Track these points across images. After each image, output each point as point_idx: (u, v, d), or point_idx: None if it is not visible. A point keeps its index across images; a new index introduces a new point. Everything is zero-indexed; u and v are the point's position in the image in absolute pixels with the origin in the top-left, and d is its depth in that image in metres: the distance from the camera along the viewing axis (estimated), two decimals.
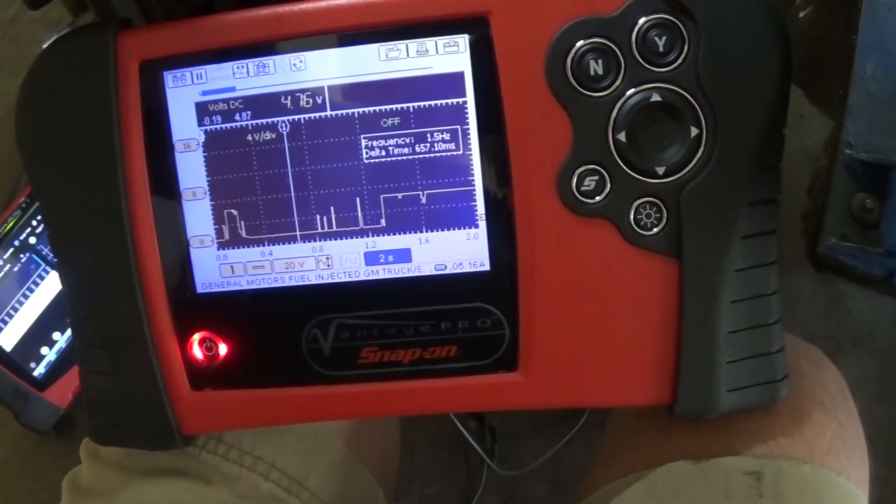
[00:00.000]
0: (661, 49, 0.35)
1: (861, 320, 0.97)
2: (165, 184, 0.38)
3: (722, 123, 0.35)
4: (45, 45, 0.47)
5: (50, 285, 0.78)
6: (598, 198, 0.36)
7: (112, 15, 0.42)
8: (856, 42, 1.12)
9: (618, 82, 0.36)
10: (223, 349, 0.39)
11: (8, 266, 0.78)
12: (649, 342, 0.37)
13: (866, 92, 1.22)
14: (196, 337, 0.39)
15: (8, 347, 0.76)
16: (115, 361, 0.39)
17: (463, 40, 0.36)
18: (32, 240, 0.78)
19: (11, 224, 0.77)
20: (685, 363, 0.37)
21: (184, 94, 0.38)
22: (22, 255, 0.78)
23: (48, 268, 0.78)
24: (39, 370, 0.78)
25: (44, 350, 0.78)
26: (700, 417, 0.39)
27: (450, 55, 0.36)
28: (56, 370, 0.77)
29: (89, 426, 0.41)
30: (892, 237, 1.08)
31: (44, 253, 0.78)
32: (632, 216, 0.36)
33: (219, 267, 0.39)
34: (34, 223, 0.78)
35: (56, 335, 0.77)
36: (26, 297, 0.77)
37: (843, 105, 1.08)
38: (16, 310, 0.77)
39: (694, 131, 0.36)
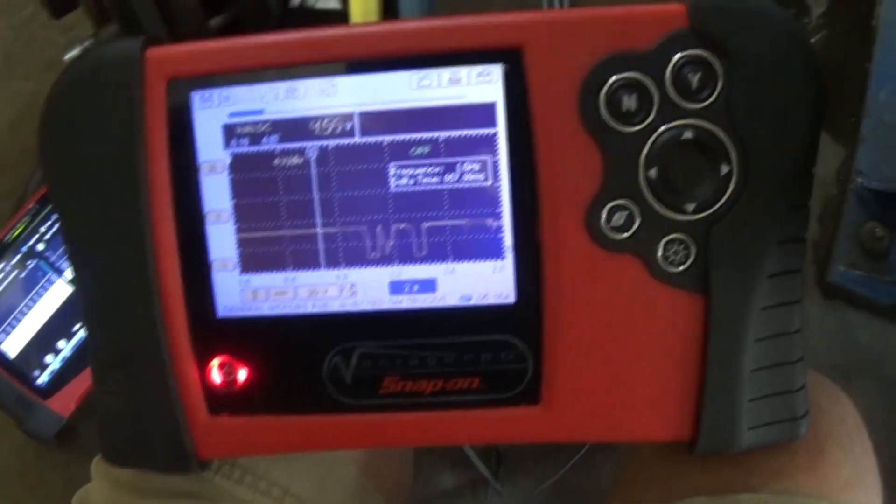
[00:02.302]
0: (694, 86, 0.35)
1: (869, 350, 0.97)
2: (189, 205, 0.38)
3: (753, 162, 0.35)
4: (67, 57, 0.47)
5: (56, 293, 0.78)
6: (626, 233, 0.36)
7: (136, 29, 0.42)
8: (869, 70, 1.12)
9: (650, 118, 0.35)
10: (242, 374, 0.39)
11: (15, 272, 0.78)
12: (673, 378, 0.37)
13: (879, 121, 1.22)
14: (215, 361, 0.39)
15: (12, 354, 0.76)
16: (132, 382, 0.39)
17: (496, 71, 0.36)
18: (40, 246, 0.78)
19: (20, 230, 0.77)
20: (708, 400, 0.37)
21: (211, 115, 0.37)
22: (29, 262, 0.78)
23: (55, 275, 0.78)
24: (43, 378, 0.77)
25: (48, 358, 0.77)
26: (720, 454, 0.38)
27: (482, 85, 0.36)
28: (60, 379, 0.77)
29: (102, 446, 0.41)
30: None
31: (51, 260, 0.78)
32: (660, 252, 0.36)
33: (241, 291, 0.38)
34: (42, 229, 0.78)
35: (61, 343, 0.77)
36: (32, 304, 0.76)
37: (856, 133, 1.07)
38: (21, 316, 0.77)
39: (724, 169, 0.35)
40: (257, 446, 0.40)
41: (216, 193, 0.38)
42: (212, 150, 0.37)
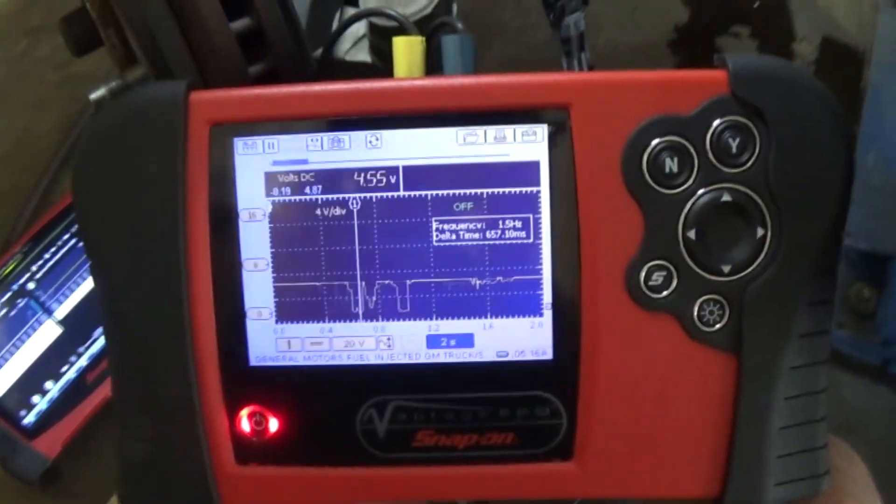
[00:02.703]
0: (733, 150, 0.36)
1: (856, 408, 0.98)
2: (227, 252, 0.38)
3: (787, 225, 0.36)
4: (93, 97, 0.47)
5: (45, 333, 0.76)
6: (664, 293, 0.37)
7: (166, 74, 0.42)
8: (858, 132, 1.15)
9: (691, 181, 0.36)
10: (273, 424, 0.38)
11: (4, 311, 0.76)
12: (703, 435, 0.38)
13: (867, 182, 1.25)
14: (246, 410, 0.38)
15: None
16: (159, 428, 0.38)
17: (542, 130, 0.36)
18: (31, 285, 0.76)
19: (11, 268, 0.76)
20: (737, 457, 0.37)
21: (254, 162, 0.37)
22: (19, 301, 0.76)
23: (44, 315, 0.76)
24: (29, 419, 0.75)
25: (35, 398, 0.75)
26: None
27: (527, 143, 0.37)
28: (47, 420, 0.75)
29: (122, 492, 0.40)
30: (889, 326, 1.10)
31: (42, 300, 0.76)
32: (696, 312, 0.37)
33: (275, 341, 0.38)
34: (34, 268, 0.77)
35: (49, 384, 0.75)
36: (20, 343, 0.75)
37: None
38: (8, 356, 0.75)
39: (760, 231, 0.36)
40: (285, 498, 0.39)
41: (255, 241, 0.38)
42: (253, 198, 0.37)
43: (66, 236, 0.76)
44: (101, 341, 0.74)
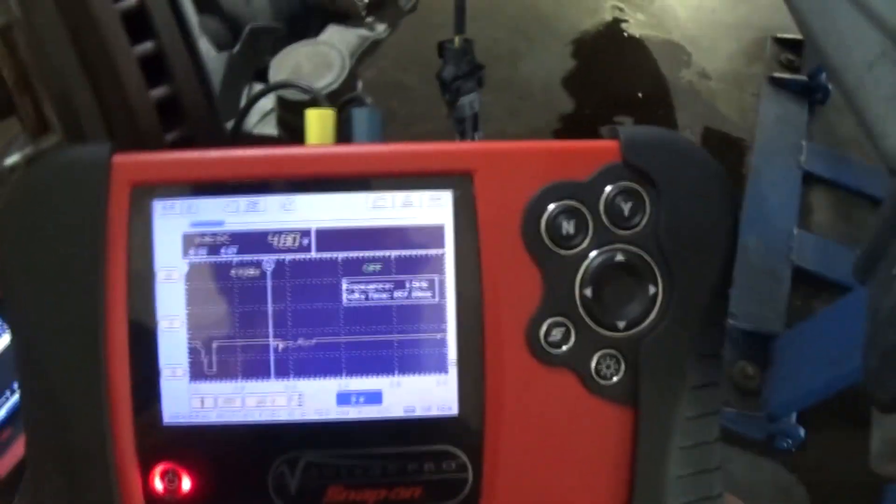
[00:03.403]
0: (625, 213, 0.39)
1: (743, 481, 1.00)
2: (143, 310, 0.38)
3: (677, 282, 0.39)
4: (7, 163, 0.48)
5: None
6: (563, 348, 0.39)
7: (81, 140, 0.43)
8: (741, 217, 1.22)
9: (586, 242, 0.39)
10: (186, 483, 0.39)
11: None
12: (604, 485, 0.39)
13: (749, 264, 1.31)
14: (159, 468, 0.39)
15: None
16: (73, 486, 0.38)
17: (447, 195, 0.39)
18: None
19: None
20: None
21: (172, 223, 0.39)
22: None
23: None
24: None
25: None
26: None
27: (433, 208, 0.39)
28: None
29: None
30: (773, 403, 1.14)
31: None
32: (593, 366, 0.39)
33: (189, 399, 0.39)
34: None
35: None
36: None
37: None
38: None
39: (652, 289, 0.39)
40: None
41: (171, 300, 0.39)
42: (170, 258, 0.39)
43: None
44: (15, 397, 0.73)
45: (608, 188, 0.39)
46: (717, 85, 1.49)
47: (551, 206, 0.38)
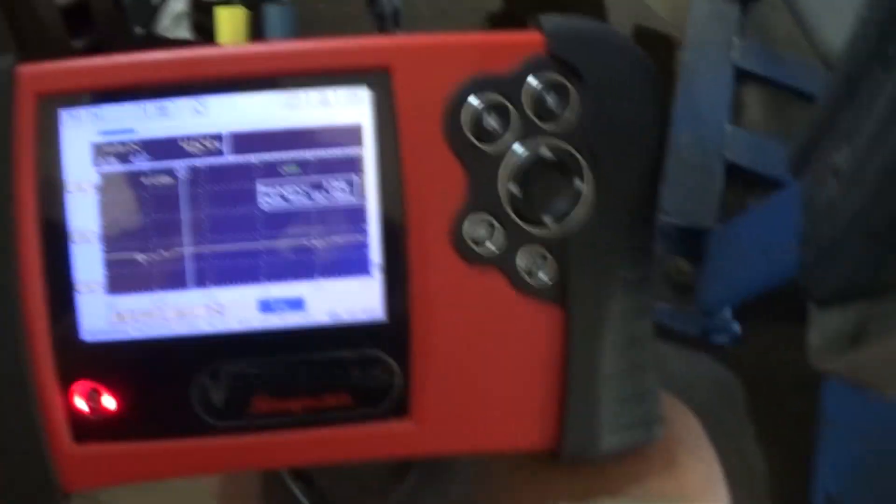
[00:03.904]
0: (551, 107, 0.37)
1: (679, 378, 1.00)
2: (55, 225, 0.37)
3: (605, 177, 0.37)
4: None
5: None
6: (488, 245, 0.37)
7: None
8: (671, 113, 1.21)
9: (509, 136, 0.37)
10: (109, 400, 0.38)
11: None
12: (536, 388, 0.38)
13: (680, 160, 1.31)
14: (80, 387, 0.38)
15: None
16: None
17: (363, 92, 0.37)
18: None
19: None
20: (570, 407, 0.38)
21: (80, 133, 0.37)
22: None
23: None
24: None
25: None
26: (583, 461, 0.40)
27: (350, 106, 0.37)
28: None
29: None
30: (706, 297, 1.13)
31: None
32: (520, 265, 0.38)
33: (107, 314, 0.38)
34: None
35: None
36: None
37: None
38: None
39: (578, 183, 0.37)
40: (126, 475, 0.39)
41: (83, 214, 0.37)
42: (80, 170, 0.37)
43: None
44: None
45: (532, 80, 0.37)
46: None
47: (473, 100, 0.37)
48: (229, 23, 0.41)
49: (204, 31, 0.54)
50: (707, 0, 1.54)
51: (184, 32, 0.55)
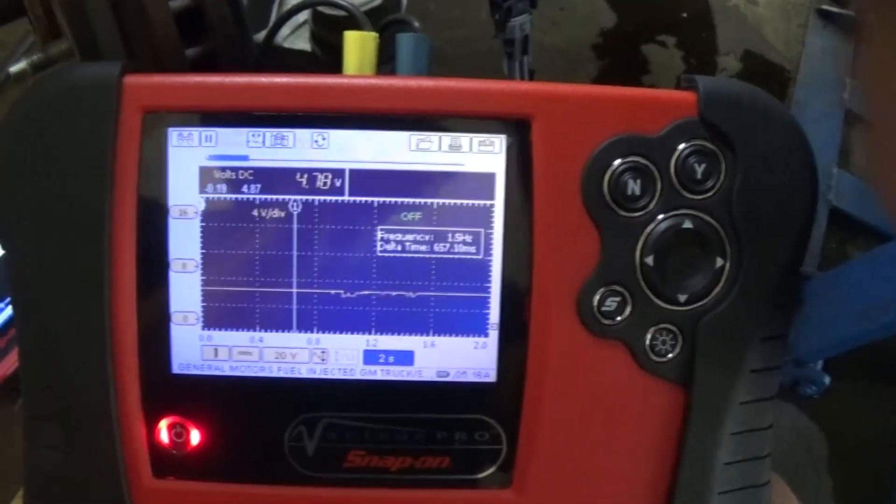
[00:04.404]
0: (698, 176, 0.34)
1: None
2: (154, 250, 0.35)
3: (747, 257, 0.35)
4: (13, 70, 0.43)
5: None
6: (617, 319, 0.35)
7: (93, 50, 0.39)
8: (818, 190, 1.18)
9: (652, 205, 0.35)
10: (195, 437, 0.36)
11: None
12: (647, 468, 0.36)
13: None
14: (166, 421, 0.36)
15: None
16: (71, 438, 0.35)
17: (500, 140, 0.34)
18: None
19: None
20: (680, 492, 0.36)
21: (188, 155, 0.35)
22: None
23: None
24: None
25: None
26: None
27: (484, 154, 0.34)
28: None
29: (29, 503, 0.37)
30: (801, 348, 1.11)
31: None
32: (648, 341, 0.35)
33: (201, 348, 0.35)
34: None
35: None
36: None
37: None
38: None
39: (719, 262, 0.35)
40: None
41: (185, 240, 0.35)
42: (185, 194, 0.35)
43: None
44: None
45: (681, 146, 0.34)
46: (765, 11, 1.41)
47: (617, 162, 0.34)
48: (358, 49, 0.37)
49: (323, 45, 0.51)
50: (822, 36, 1.48)
51: (303, 43, 0.52)
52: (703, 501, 0.36)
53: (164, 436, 0.36)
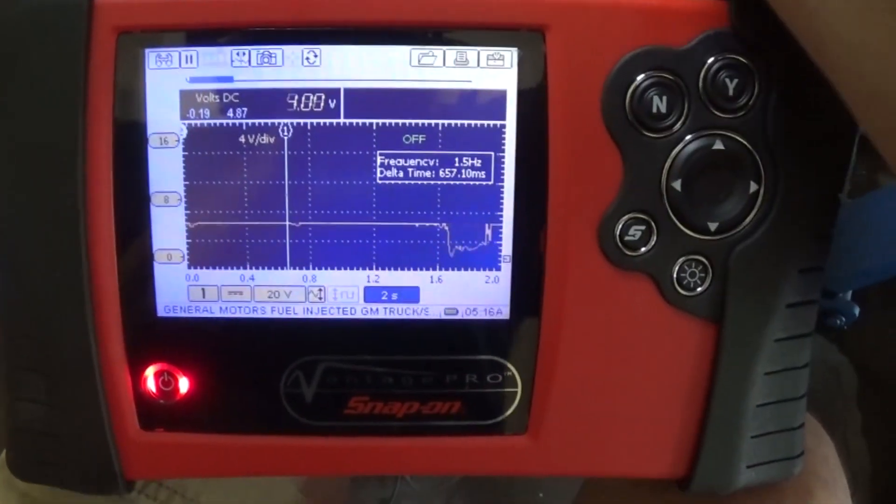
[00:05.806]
0: (730, 93, 0.31)
1: None
2: (133, 184, 0.32)
3: (783, 181, 0.32)
4: None
5: None
6: (642, 250, 0.32)
7: None
8: None
9: (679, 124, 0.31)
10: (183, 385, 0.33)
11: None
12: (673, 411, 0.34)
13: None
14: (152, 368, 0.33)
15: None
16: (53, 389, 0.33)
17: (511, 54, 0.31)
18: None
19: None
20: (709, 436, 0.34)
21: (167, 78, 0.31)
22: None
23: None
24: None
25: None
26: (714, 494, 0.35)
27: (493, 69, 0.31)
28: None
29: (11, 457, 0.35)
30: (829, 278, 1.08)
31: None
32: (675, 273, 0.32)
33: (187, 288, 0.33)
34: None
35: None
36: None
37: None
38: None
39: (753, 187, 0.32)
40: (196, 468, 0.35)
41: (166, 172, 0.32)
42: (165, 120, 0.32)
43: None
44: None
45: (711, 59, 0.31)
46: None
47: (640, 77, 0.31)
48: None
49: None
50: None
51: None
52: (733, 447, 0.34)
53: (150, 385, 0.33)
